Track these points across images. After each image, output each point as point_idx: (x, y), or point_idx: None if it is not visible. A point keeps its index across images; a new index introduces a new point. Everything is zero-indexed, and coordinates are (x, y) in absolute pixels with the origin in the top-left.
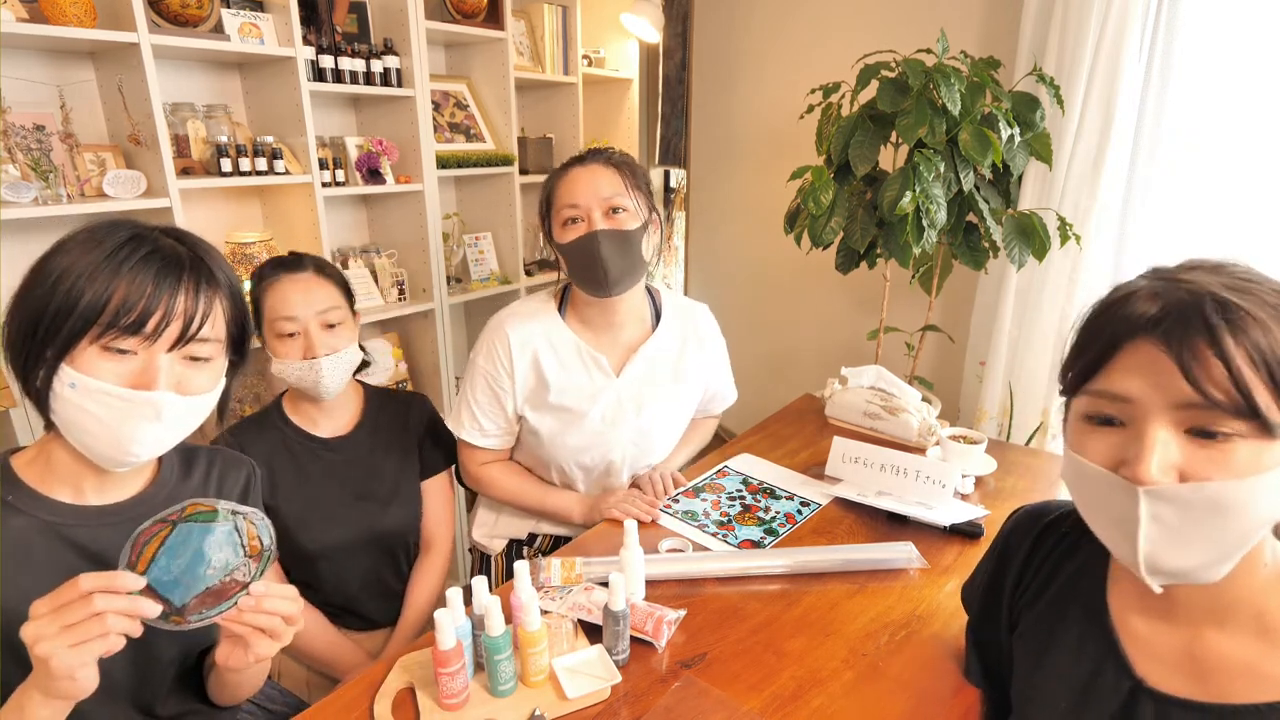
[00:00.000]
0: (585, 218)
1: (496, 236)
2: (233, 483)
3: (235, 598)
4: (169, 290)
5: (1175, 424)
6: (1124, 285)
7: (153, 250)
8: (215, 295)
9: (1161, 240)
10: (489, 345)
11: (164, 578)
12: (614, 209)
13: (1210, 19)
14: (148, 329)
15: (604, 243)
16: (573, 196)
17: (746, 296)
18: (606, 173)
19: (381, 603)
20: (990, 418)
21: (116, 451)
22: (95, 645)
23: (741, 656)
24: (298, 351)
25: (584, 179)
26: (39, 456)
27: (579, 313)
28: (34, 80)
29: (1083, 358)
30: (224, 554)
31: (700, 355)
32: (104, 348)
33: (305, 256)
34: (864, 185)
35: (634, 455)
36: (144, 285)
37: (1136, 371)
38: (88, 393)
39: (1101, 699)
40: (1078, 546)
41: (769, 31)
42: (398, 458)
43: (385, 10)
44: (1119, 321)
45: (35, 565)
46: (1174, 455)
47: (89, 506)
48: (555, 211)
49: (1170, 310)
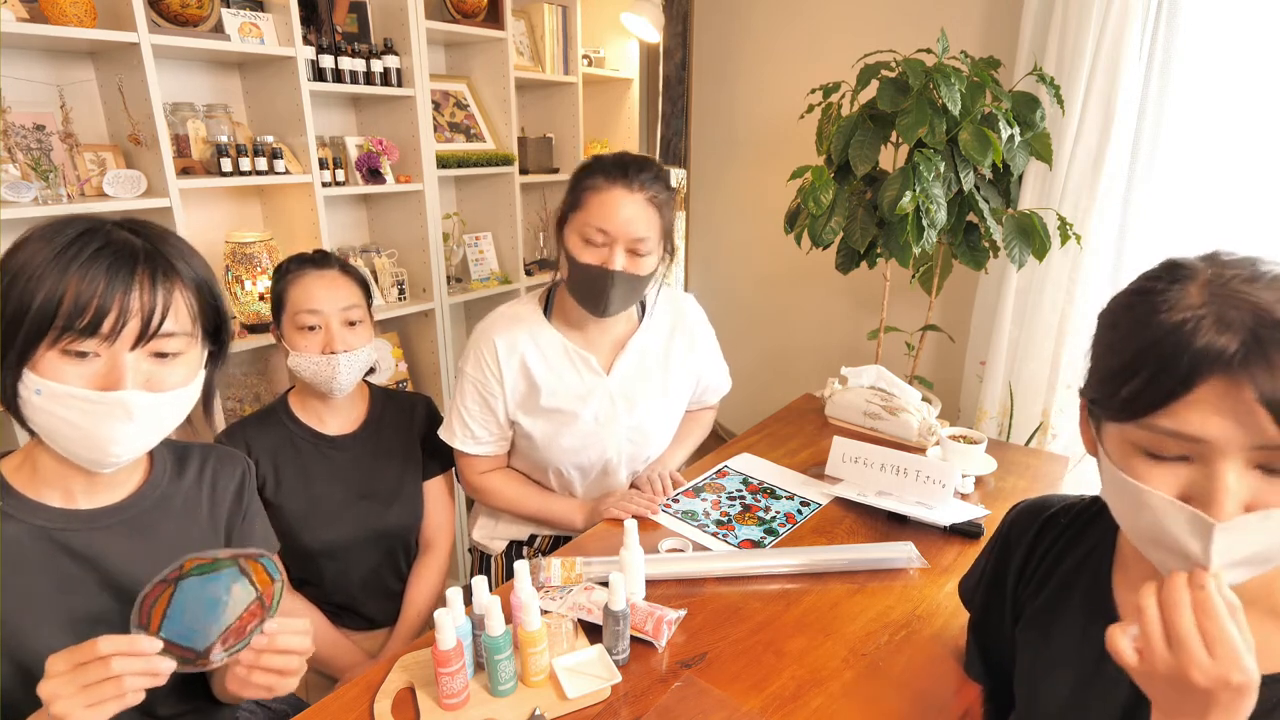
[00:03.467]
0: (608, 245)
1: (496, 236)
2: (227, 479)
3: (255, 630)
4: (122, 287)
5: (1247, 462)
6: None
7: (104, 245)
8: (175, 287)
9: (1161, 240)
10: (476, 353)
11: (180, 630)
12: (637, 251)
13: (1210, 19)
14: (104, 329)
15: (617, 283)
16: (605, 221)
17: (746, 296)
18: (646, 211)
19: (381, 602)
20: (990, 418)
21: (96, 454)
22: (111, 705)
23: (741, 656)
24: (316, 346)
25: (624, 210)
26: (26, 461)
27: (565, 314)
28: (34, 80)
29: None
30: (235, 594)
31: (689, 345)
32: (64, 351)
33: (331, 255)
34: (864, 185)
35: (630, 452)
36: (95, 284)
37: (1215, 413)
38: (54, 398)
39: (1107, 686)
40: (1080, 538)
41: (769, 31)
42: (401, 458)
43: (385, 10)
44: (1192, 355)
45: (30, 572)
46: (1244, 494)
47: (81, 510)
48: (581, 221)
49: (1250, 342)
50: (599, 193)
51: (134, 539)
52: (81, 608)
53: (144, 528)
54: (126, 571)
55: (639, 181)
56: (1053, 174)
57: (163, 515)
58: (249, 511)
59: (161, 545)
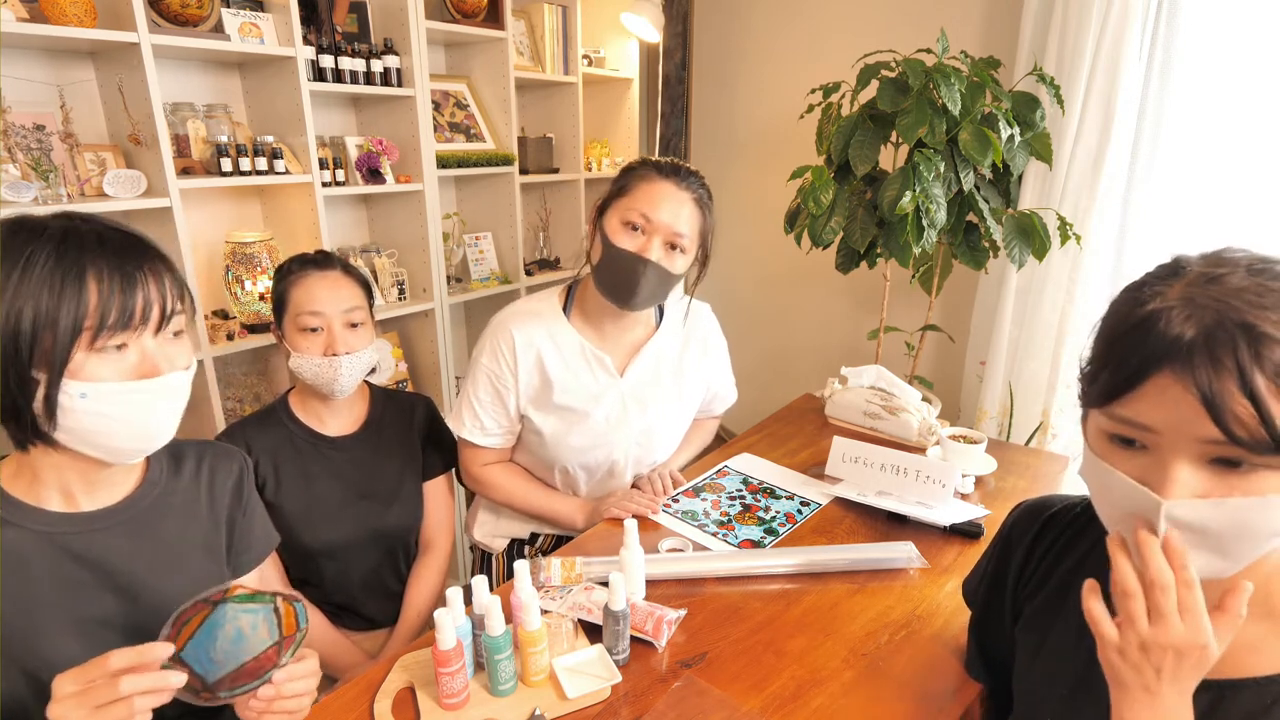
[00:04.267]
0: (648, 234)
1: (496, 236)
2: (224, 476)
3: (265, 676)
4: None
5: (1199, 455)
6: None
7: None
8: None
9: (1161, 240)
10: (493, 344)
11: (200, 655)
12: (675, 245)
13: (1210, 19)
14: (135, 319)
15: (650, 274)
16: (651, 208)
17: (747, 296)
18: (690, 209)
19: (381, 603)
20: (990, 417)
21: (142, 442)
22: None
23: (742, 656)
24: (318, 347)
25: (670, 201)
26: (23, 468)
27: (584, 312)
28: (34, 80)
29: (1106, 373)
30: (259, 635)
31: (703, 354)
32: (97, 350)
33: (333, 255)
34: (864, 185)
35: (637, 455)
36: (113, 279)
37: (1163, 405)
38: (102, 397)
39: (1100, 687)
40: (1079, 539)
41: (769, 31)
42: (401, 458)
43: (385, 10)
44: (1149, 345)
45: (34, 577)
46: (1196, 485)
47: (81, 513)
48: (626, 206)
49: (1198, 341)
50: (650, 182)
51: (135, 539)
52: (86, 610)
53: (144, 527)
54: (129, 571)
55: (688, 182)
56: (1053, 174)
57: (162, 514)
58: (249, 507)
59: (162, 544)
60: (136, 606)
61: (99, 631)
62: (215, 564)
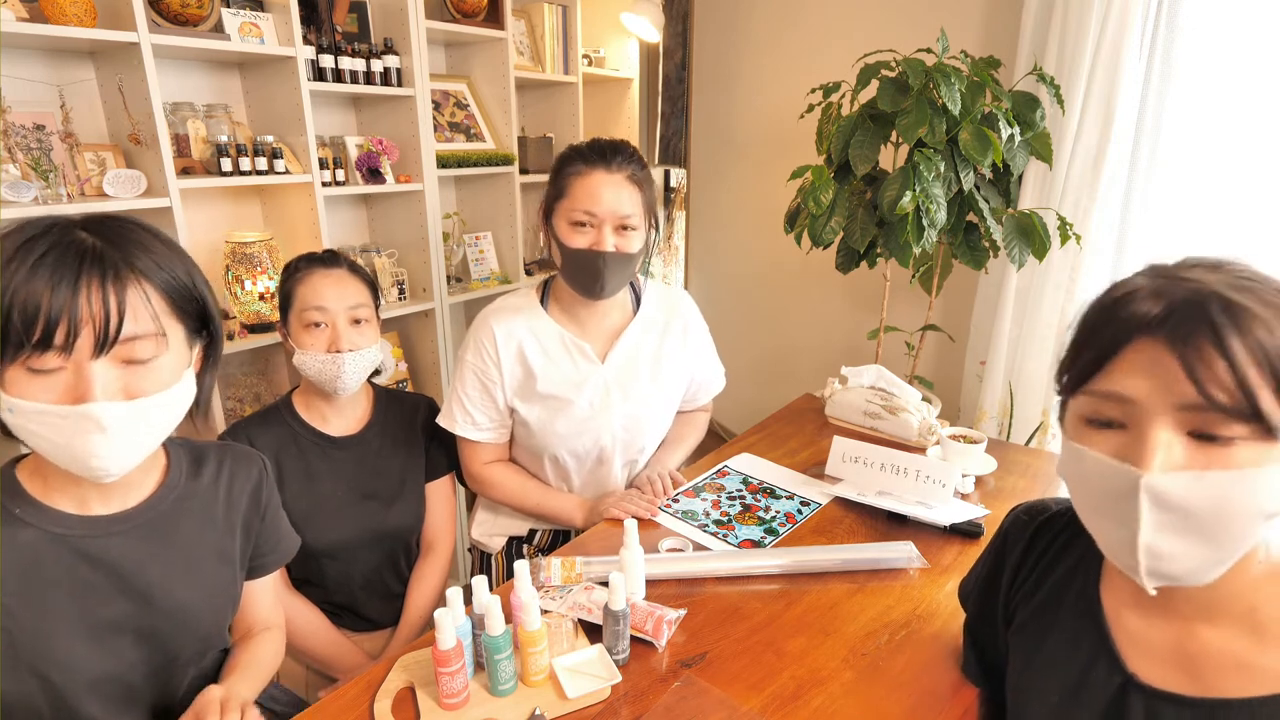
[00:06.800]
0: (596, 227)
1: (496, 236)
2: (244, 480)
3: None
4: (68, 293)
5: (1177, 425)
6: (1123, 283)
7: (46, 251)
8: (131, 285)
9: (1161, 240)
10: (476, 341)
11: None
12: (625, 226)
13: (1210, 19)
14: (57, 341)
15: (610, 263)
16: (591, 204)
17: (746, 296)
18: (628, 190)
19: (382, 603)
20: (990, 417)
21: (83, 469)
22: None
23: (742, 656)
24: (323, 344)
25: (607, 191)
26: (38, 468)
27: (562, 304)
28: (34, 80)
29: (1082, 357)
30: None
31: (683, 339)
32: (27, 367)
33: (340, 254)
34: (864, 185)
35: (625, 440)
36: (38, 294)
37: (1139, 372)
38: (26, 415)
39: (1093, 693)
40: (1073, 543)
41: (769, 31)
42: (404, 458)
43: (385, 10)
44: (1120, 321)
45: (49, 580)
46: (1176, 457)
47: (97, 516)
48: (568, 208)
49: (1174, 309)
50: (582, 177)
51: (151, 543)
52: (98, 613)
53: (161, 531)
54: (142, 576)
55: (616, 163)
56: (1053, 174)
57: (179, 518)
58: (268, 512)
59: (177, 549)
60: (148, 610)
61: (110, 635)
62: (229, 569)
